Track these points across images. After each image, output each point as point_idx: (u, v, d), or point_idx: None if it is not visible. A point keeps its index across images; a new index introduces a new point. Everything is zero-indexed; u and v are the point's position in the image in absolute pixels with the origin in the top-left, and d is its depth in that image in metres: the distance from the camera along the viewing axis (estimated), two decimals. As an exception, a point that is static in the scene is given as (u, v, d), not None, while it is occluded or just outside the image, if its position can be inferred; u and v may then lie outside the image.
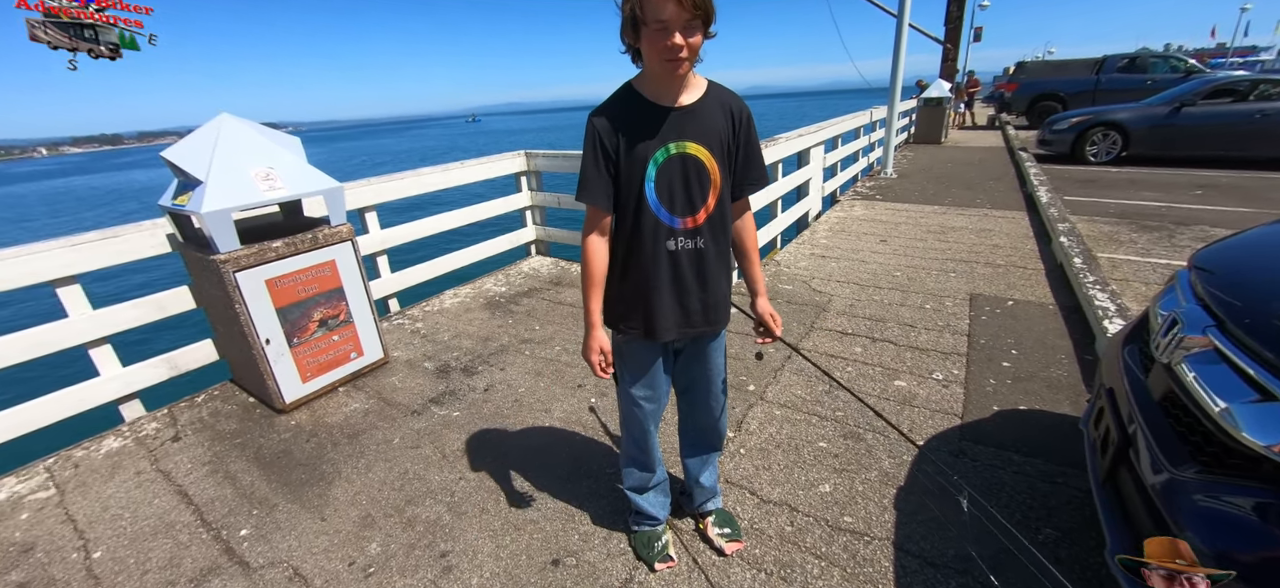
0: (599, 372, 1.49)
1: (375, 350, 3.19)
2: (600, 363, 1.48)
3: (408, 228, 4.17)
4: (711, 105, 1.37)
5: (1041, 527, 1.82)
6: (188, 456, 2.51)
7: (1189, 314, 1.47)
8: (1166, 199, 6.47)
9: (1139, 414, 1.44)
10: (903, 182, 8.18)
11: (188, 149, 2.59)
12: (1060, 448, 2.20)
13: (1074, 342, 3.05)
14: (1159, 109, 8.77)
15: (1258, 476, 1.09)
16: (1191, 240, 4.89)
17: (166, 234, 2.89)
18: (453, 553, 1.87)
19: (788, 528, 1.89)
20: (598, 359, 1.48)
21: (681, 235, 1.40)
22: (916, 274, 4.25)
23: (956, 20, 16.23)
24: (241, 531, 2.04)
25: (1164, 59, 13.45)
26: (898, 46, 8.32)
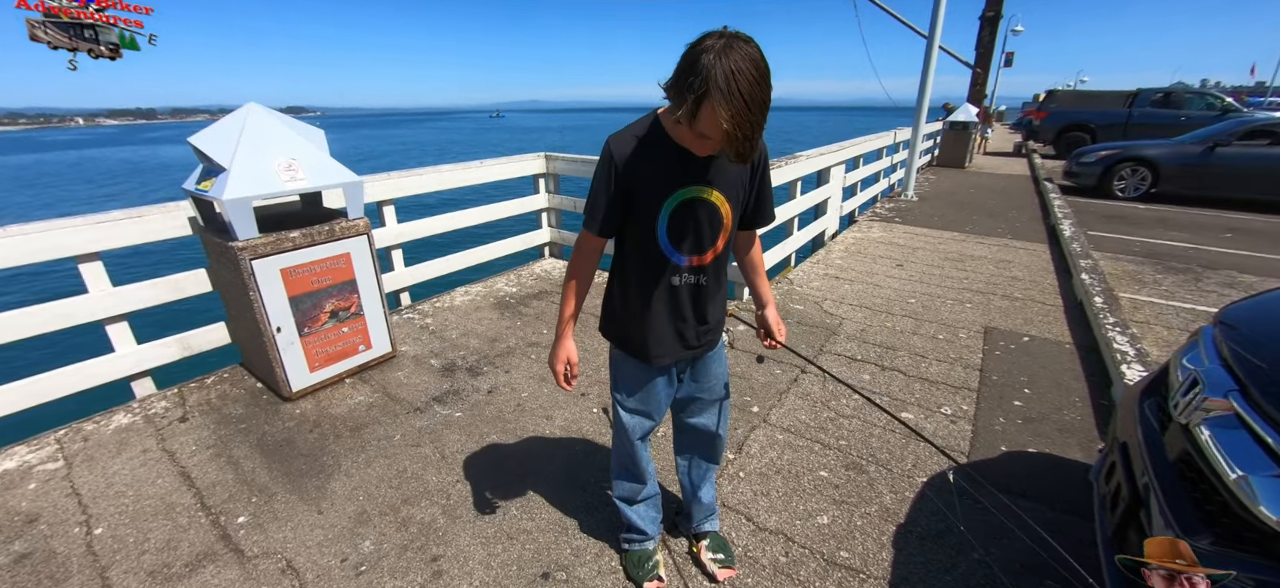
0: (562, 382, 1.49)
1: (383, 344, 3.22)
2: (565, 373, 1.49)
3: (424, 224, 4.20)
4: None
5: (1044, 577, 1.77)
6: (193, 437, 2.55)
7: (1211, 374, 1.42)
8: (1195, 241, 6.30)
9: (1152, 474, 1.40)
10: (923, 205, 8.07)
11: (214, 136, 2.64)
12: (1068, 496, 2.14)
13: (1090, 385, 2.98)
14: (1192, 147, 8.55)
15: (1273, 554, 1.05)
16: (1218, 285, 4.75)
17: (188, 217, 2.94)
18: (444, 558, 1.87)
19: (782, 559, 1.86)
20: (562, 368, 1.48)
21: (686, 272, 1.40)
22: (931, 302, 4.19)
23: (988, 45, 16.01)
24: (239, 518, 2.06)
25: (1200, 95, 13.12)
26: (926, 68, 8.22)
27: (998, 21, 15.73)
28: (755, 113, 1.05)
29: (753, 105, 1.04)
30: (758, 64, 1.04)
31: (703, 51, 1.03)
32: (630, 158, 1.28)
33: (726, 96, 1.02)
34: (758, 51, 1.05)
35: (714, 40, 1.04)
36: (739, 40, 1.05)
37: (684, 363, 1.57)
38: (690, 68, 1.05)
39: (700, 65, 1.03)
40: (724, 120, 1.03)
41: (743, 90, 1.02)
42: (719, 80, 1.01)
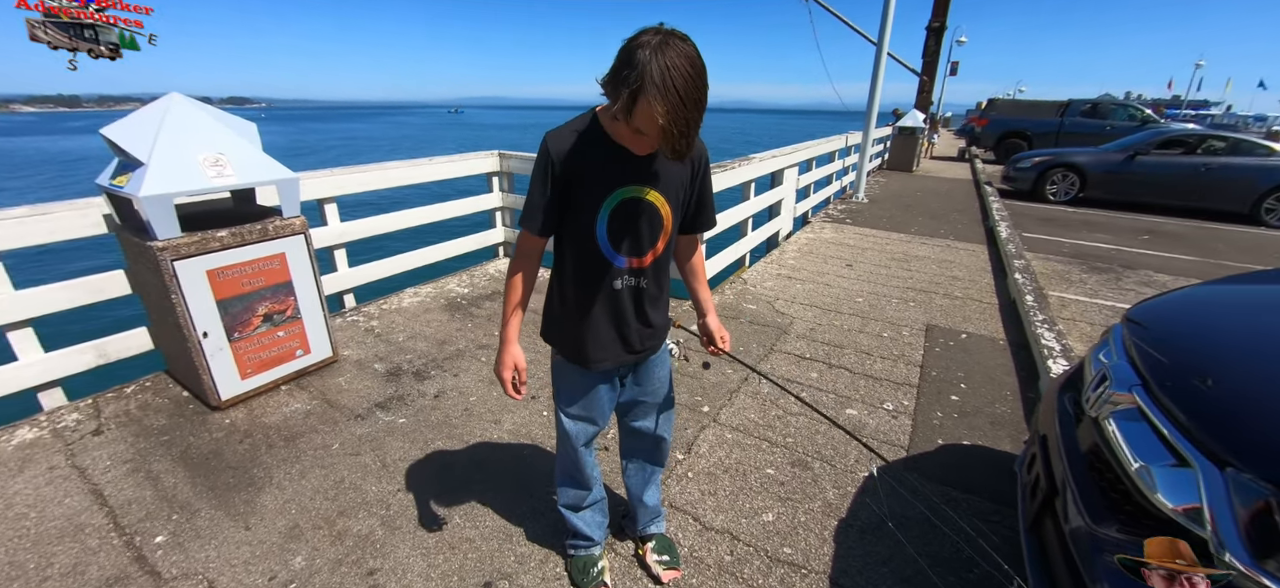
0: (510, 390, 1.45)
1: (324, 349, 3.08)
2: (513, 381, 1.45)
3: (369, 222, 4.04)
4: None
5: (974, 565, 1.85)
6: (108, 451, 2.37)
7: (1117, 370, 1.51)
8: (1117, 242, 6.76)
9: (1067, 465, 1.48)
10: (873, 207, 8.35)
11: (130, 128, 2.46)
12: (997, 487, 2.25)
13: (1020, 379, 3.14)
14: (1115, 155, 9.19)
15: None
16: (1136, 284, 5.11)
17: (103, 214, 2.73)
18: (381, 571, 1.80)
19: (727, 558, 1.88)
20: (510, 376, 1.44)
21: (627, 274, 1.39)
22: (878, 301, 4.33)
23: (934, 54, 16.71)
24: (157, 537, 1.93)
25: (1123, 107, 14.12)
26: (876, 74, 8.52)
27: (943, 32, 16.45)
28: (690, 109, 1.05)
29: (688, 101, 1.04)
30: (693, 61, 1.04)
31: (639, 47, 1.03)
32: (568, 155, 1.26)
33: (662, 92, 1.01)
34: (693, 49, 1.05)
35: (650, 37, 1.04)
36: (675, 37, 1.04)
37: (626, 367, 1.56)
38: (626, 62, 1.04)
39: (636, 60, 1.02)
40: (660, 116, 1.03)
41: (678, 86, 1.02)
42: (655, 76, 1.01)
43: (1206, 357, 1.45)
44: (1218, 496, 1.06)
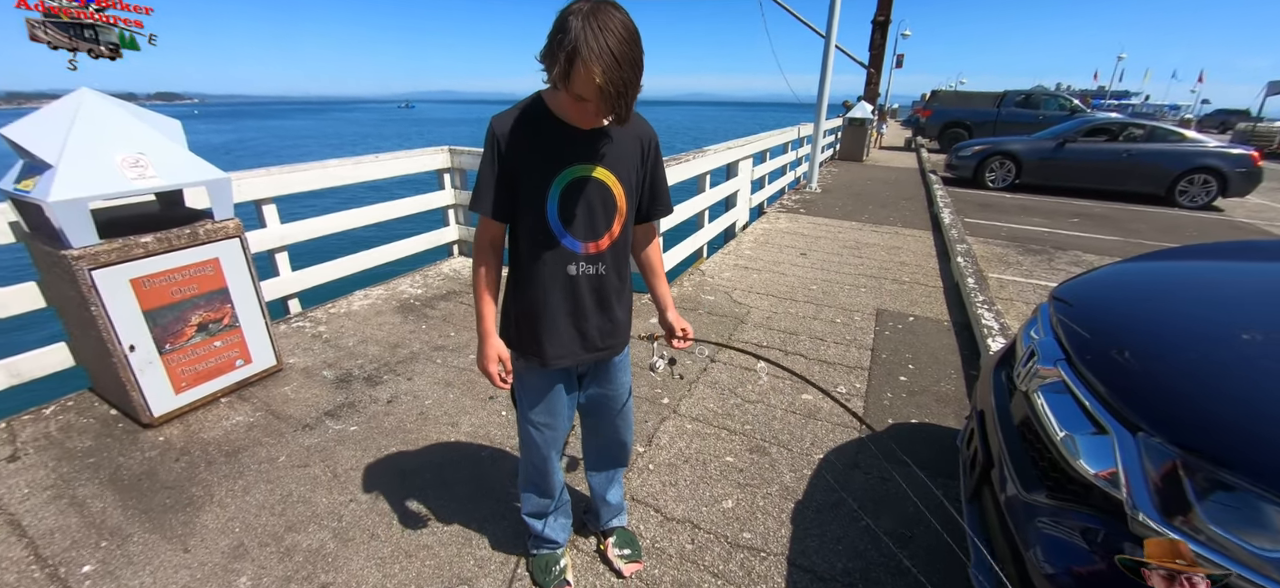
0: (498, 382, 1.42)
1: (266, 357, 2.93)
2: (500, 373, 1.42)
3: (313, 223, 3.87)
4: (622, 131, 1.31)
5: (921, 538, 1.94)
6: (25, 478, 2.19)
7: (1044, 346, 1.61)
8: (1050, 225, 7.18)
9: (1001, 438, 1.56)
10: (826, 197, 8.58)
11: (35, 127, 2.26)
12: (942, 462, 2.36)
13: (963, 358, 3.30)
14: (1047, 143, 9.75)
15: (1089, 503, 1.20)
16: (1067, 264, 5.44)
17: (9, 222, 2.51)
18: (334, 585, 1.73)
19: (688, 546, 1.90)
20: (496, 368, 1.41)
21: (583, 260, 1.36)
22: (831, 288, 4.46)
23: (879, 47, 17.28)
24: (84, 566, 1.80)
25: (1054, 97, 14.98)
26: (825, 66, 8.73)
27: (888, 25, 17.01)
28: (626, 70, 1.07)
29: (623, 62, 1.06)
30: (625, 24, 1.07)
31: (571, 15, 1.05)
32: (513, 135, 1.25)
33: (597, 54, 1.03)
34: (625, 14, 1.09)
35: (580, 4, 1.06)
36: (606, 3, 1.07)
37: (587, 367, 1.54)
38: (560, 29, 1.06)
39: (568, 26, 1.04)
40: (596, 75, 1.05)
41: (612, 46, 1.04)
42: (588, 39, 1.03)
43: (1123, 331, 1.55)
44: (1131, 459, 1.14)
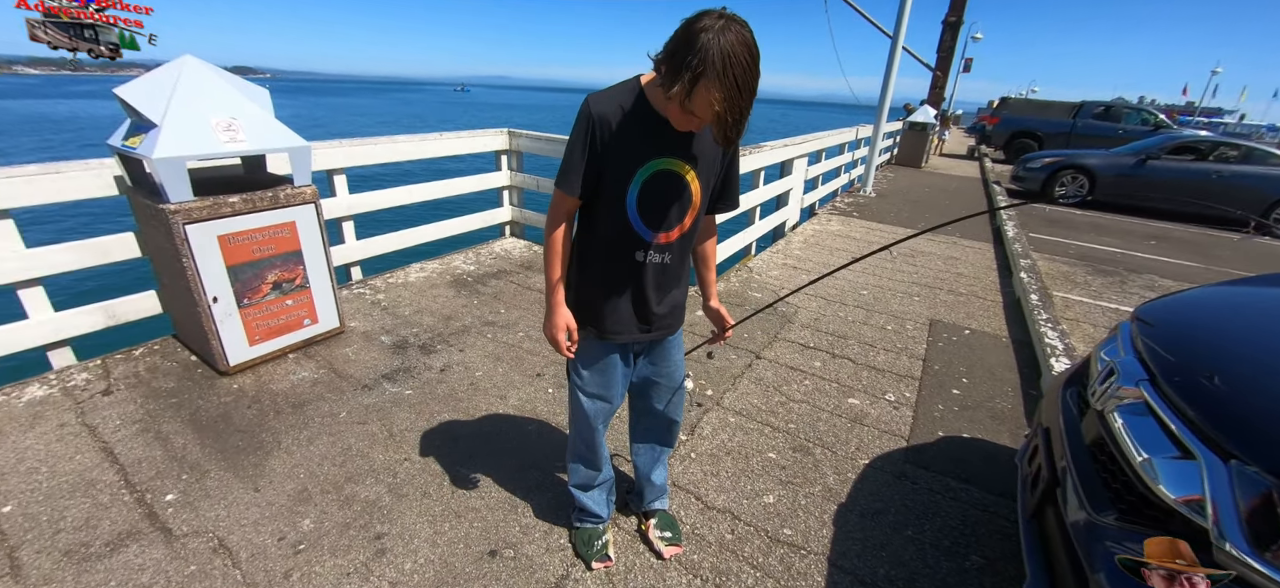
0: (564, 350, 1.45)
1: (331, 319, 3.10)
2: (566, 342, 1.45)
3: (378, 196, 4.05)
4: (708, 130, 1.33)
5: (969, 554, 1.88)
6: (118, 411, 2.40)
7: (1125, 365, 1.52)
8: (1124, 246, 6.74)
9: (1070, 456, 1.49)
10: (881, 202, 8.32)
11: (144, 89, 2.45)
12: (996, 479, 2.27)
13: (1021, 375, 3.15)
14: (1126, 158, 9.13)
15: (1166, 529, 1.14)
16: (1141, 288, 5.10)
17: (114, 176, 2.73)
18: (388, 536, 1.83)
19: (728, 536, 1.90)
20: (563, 337, 1.43)
21: (652, 249, 1.39)
22: (882, 294, 4.33)
23: (949, 49, 16.56)
24: (168, 496, 1.96)
25: (1136, 111, 14.00)
26: (890, 67, 8.44)
27: (959, 27, 16.28)
28: (746, 98, 1.07)
29: (744, 90, 1.06)
30: (751, 49, 1.06)
31: (701, 31, 1.04)
32: (609, 119, 1.26)
33: (721, 79, 1.03)
34: (751, 35, 1.07)
35: (712, 21, 1.05)
36: (736, 23, 1.06)
37: (641, 345, 1.57)
38: (687, 45, 1.05)
39: (698, 44, 1.03)
40: (717, 102, 1.05)
41: (737, 75, 1.04)
42: (716, 62, 1.02)
43: (1213, 354, 1.46)
44: (1221, 488, 1.07)
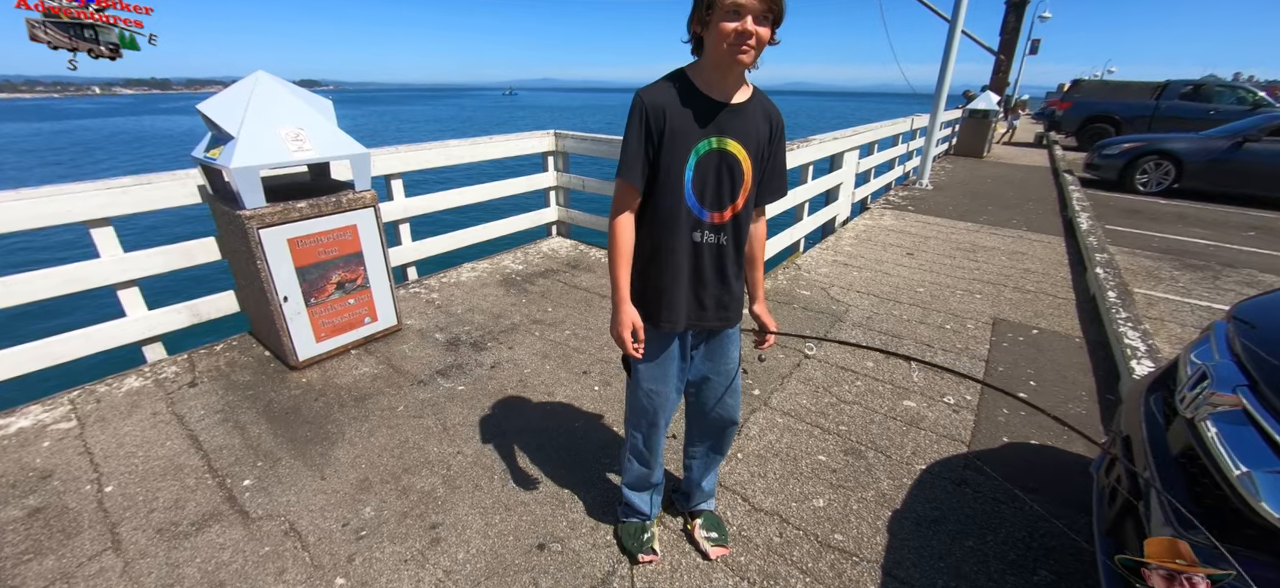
0: (630, 349, 1.44)
1: (389, 317, 3.24)
2: (632, 341, 1.44)
3: (432, 198, 4.21)
4: (755, 108, 1.38)
5: (1037, 569, 1.76)
6: (202, 402, 2.60)
7: (1221, 369, 1.39)
8: (1216, 238, 6.15)
9: (1154, 468, 1.38)
10: (938, 194, 7.94)
11: (222, 104, 2.64)
12: (1067, 489, 2.12)
13: (1097, 379, 2.94)
14: (1219, 142, 8.31)
15: (1272, 550, 1.03)
16: (1237, 284, 4.64)
17: (197, 185, 2.97)
18: (442, 526, 1.90)
19: (776, 539, 1.87)
20: (629, 335, 1.43)
21: (708, 229, 1.41)
22: (940, 292, 4.13)
23: (1013, 31, 15.57)
24: (245, 481, 2.11)
25: (1231, 89, 12.71)
26: (947, 53, 8.02)
27: (1024, 6, 15.28)
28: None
29: None
30: None
31: None
32: (659, 106, 1.31)
33: None
34: None
35: None
36: None
37: (699, 337, 1.57)
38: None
39: None
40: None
41: None
42: None
43: (1328, 359, 1.31)
44: (1337, 508, 0.96)
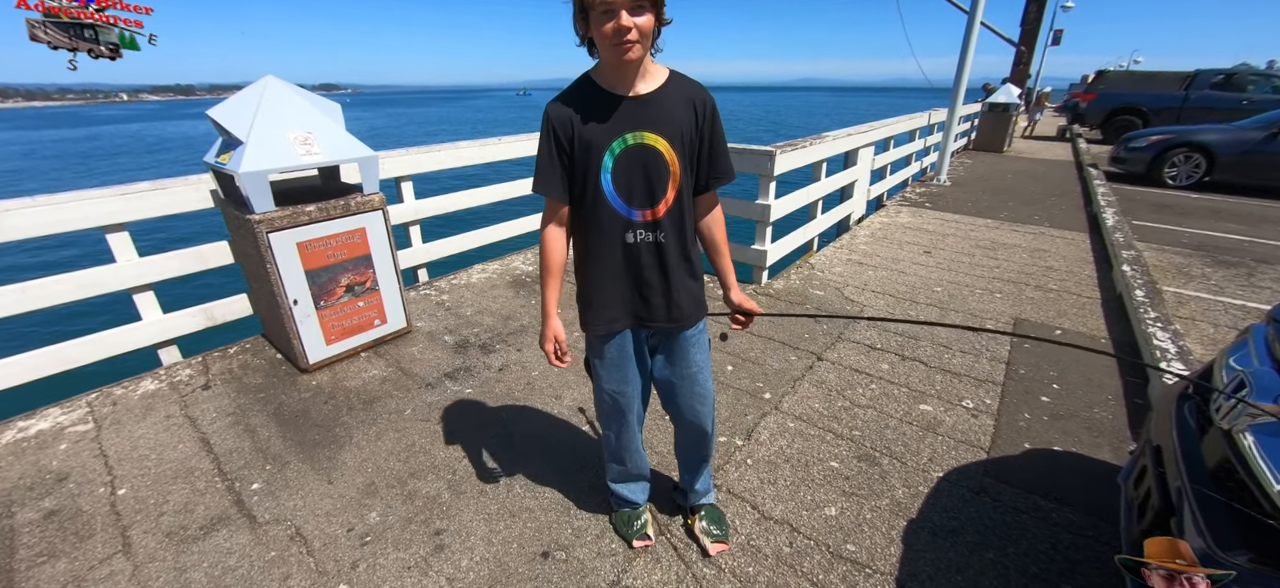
0: (553, 360, 1.50)
1: (398, 319, 3.25)
2: (555, 352, 1.49)
3: (442, 200, 4.21)
4: (672, 95, 1.32)
5: (1061, 583, 1.69)
6: (214, 405, 2.62)
7: (1261, 377, 1.31)
8: (1251, 233, 5.91)
9: (1187, 481, 1.30)
10: (956, 190, 7.77)
11: (232, 109, 2.66)
12: (1093, 499, 2.03)
13: (1124, 382, 2.82)
14: (1253, 133, 7.99)
15: (1318, 575, 0.96)
16: (1273, 282, 4.45)
17: (210, 190, 2.99)
18: (447, 532, 1.88)
19: (786, 549, 1.81)
20: (552, 348, 1.49)
21: (641, 228, 1.38)
22: (959, 292, 4.03)
23: (1035, 21, 15.18)
24: (253, 484, 2.11)
25: (1266, 78, 12.23)
26: (966, 45, 7.84)
27: (1046, -4, 14.89)
28: None
29: None
30: None
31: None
32: (565, 114, 1.31)
33: None
34: None
35: None
36: None
37: (656, 337, 1.54)
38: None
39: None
40: None
41: None
42: None
43: (1378, 366, 1.22)
44: (1392, 531, 0.89)
